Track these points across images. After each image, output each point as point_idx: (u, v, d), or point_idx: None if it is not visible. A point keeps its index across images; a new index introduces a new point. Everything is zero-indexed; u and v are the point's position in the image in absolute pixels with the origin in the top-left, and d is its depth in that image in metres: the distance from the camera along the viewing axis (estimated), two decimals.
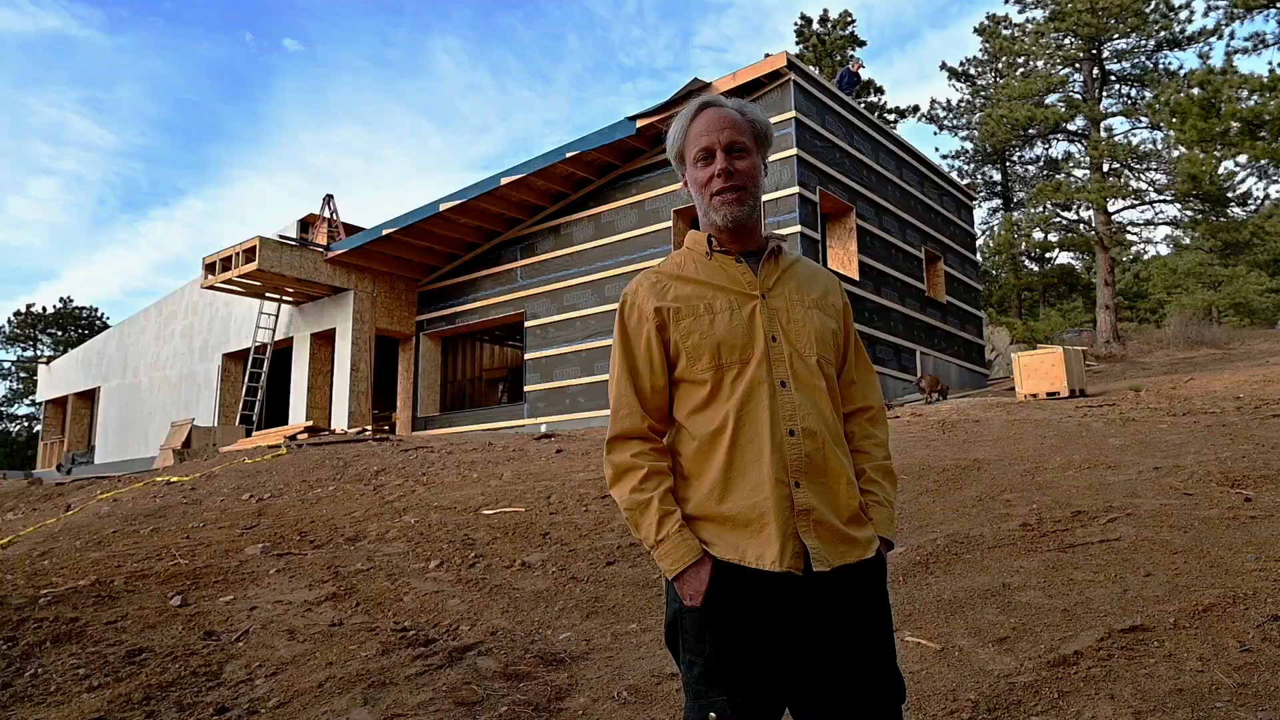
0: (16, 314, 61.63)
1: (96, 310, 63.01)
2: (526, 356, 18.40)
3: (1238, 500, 5.58)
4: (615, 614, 4.86)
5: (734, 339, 1.80)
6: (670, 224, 16.35)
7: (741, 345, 1.80)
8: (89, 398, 29.53)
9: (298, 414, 19.91)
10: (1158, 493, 5.96)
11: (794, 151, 14.93)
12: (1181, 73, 30.41)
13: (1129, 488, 6.20)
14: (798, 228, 14.64)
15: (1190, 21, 29.99)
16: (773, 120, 15.35)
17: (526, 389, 18.20)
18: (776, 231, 2.00)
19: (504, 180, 17.39)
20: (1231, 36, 26.27)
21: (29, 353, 60.71)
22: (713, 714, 1.66)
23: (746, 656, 1.67)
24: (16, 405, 60.46)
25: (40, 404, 32.95)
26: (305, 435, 15.76)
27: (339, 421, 19.18)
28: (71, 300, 62.78)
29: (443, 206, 17.95)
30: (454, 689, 3.78)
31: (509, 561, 6.02)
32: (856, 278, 16.15)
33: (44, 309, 61.82)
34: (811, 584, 1.69)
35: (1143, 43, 30.72)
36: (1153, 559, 4.62)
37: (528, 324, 18.46)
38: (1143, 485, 6.23)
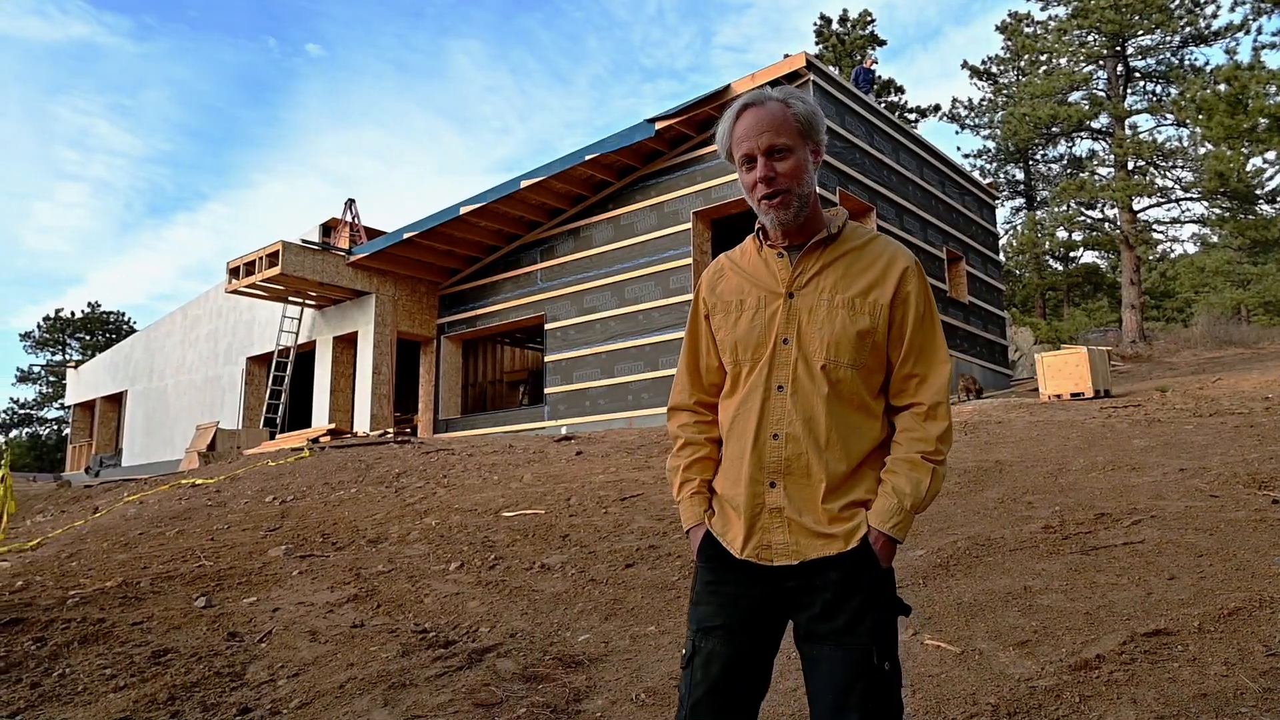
0: (46, 319, 62.54)
1: (123, 315, 63.86)
2: (547, 359, 18.44)
3: (1265, 502, 5.51)
4: (634, 616, 4.87)
5: (750, 339, 1.92)
6: (690, 225, 16.35)
7: (755, 345, 1.91)
8: (116, 401, 29.90)
9: (320, 417, 20.06)
10: (1183, 494, 5.90)
11: None
12: (1208, 69, 30.08)
13: (1154, 489, 6.13)
14: None
15: (1216, 17, 29.63)
16: None
17: (547, 391, 18.24)
18: (840, 212, 1.97)
19: (524, 183, 17.44)
20: (1259, 31, 26.11)
21: (58, 357, 61.56)
22: (685, 650, 1.91)
23: (715, 612, 1.87)
24: (46, 409, 61.32)
25: (69, 407, 33.38)
26: (328, 438, 15.89)
27: (361, 424, 19.30)
28: (99, 305, 63.60)
29: (463, 210, 18.03)
30: (473, 690, 3.80)
31: (529, 563, 6.05)
32: None
33: (72, 314, 62.70)
34: (783, 573, 1.84)
35: (1168, 39, 30.39)
36: (1177, 562, 4.57)
37: (548, 326, 18.51)
38: (1167, 487, 6.16)
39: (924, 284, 1.93)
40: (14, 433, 61.02)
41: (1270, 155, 27.80)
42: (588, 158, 16.76)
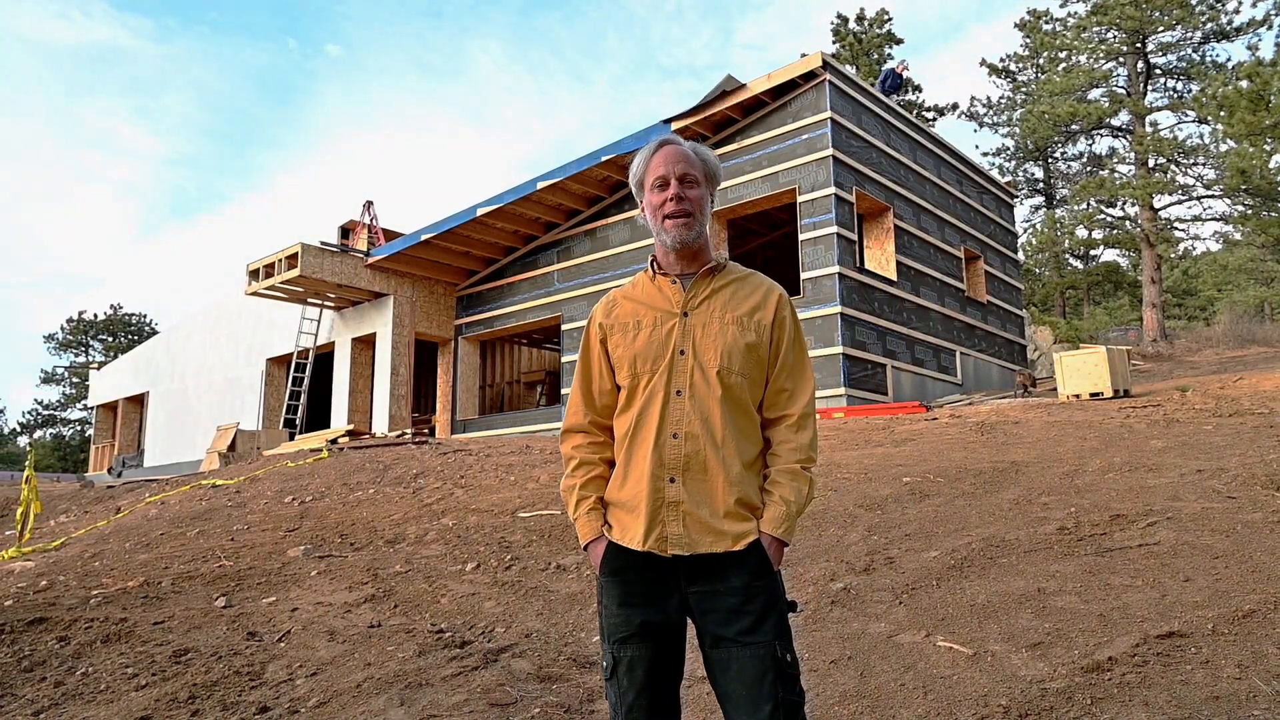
0: (69, 320, 63.22)
1: (145, 316, 64.41)
2: (564, 359, 18.51)
3: None
4: None
5: (648, 352, 2.09)
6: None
7: (654, 357, 2.08)
8: (139, 402, 30.21)
9: (339, 417, 20.20)
10: (1199, 496, 5.87)
11: (829, 152, 14.85)
12: (1229, 65, 29.80)
13: (1170, 491, 6.10)
14: (834, 228, 14.56)
15: (1238, 13, 29.32)
16: (808, 121, 15.31)
17: (564, 392, 18.29)
18: (721, 253, 2.23)
19: (540, 184, 17.51)
20: None
21: (81, 358, 62.22)
22: (605, 664, 2.04)
23: (626, 621, 2.00)
24: (69, 410, 61.98)
25: (92, 408, 33.76)
26: (346, 439, 16.00)
27: (379, 425, 19.43)
28: (121, 307, 64.19)
29: (480, 211, 18.12)
30: (488, 690, 3.84)
31: (544, 564, 6.09)
32: (894, 278, 16.04)
33: (95, 315, 63.30)
34: (682, 566, 1.99)
35: (1189, 35, 30.11)
36: (1192, 563, 4.56)
37: (565, 327, 18.57)
38: (1184, 488, 6.13)
39: (795, 313, 2.19)
40: (38, 434, 61.78)
41: None
42: (604, 158, 16.81)
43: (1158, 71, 31.37)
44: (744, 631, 1.93)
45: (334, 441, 15.42)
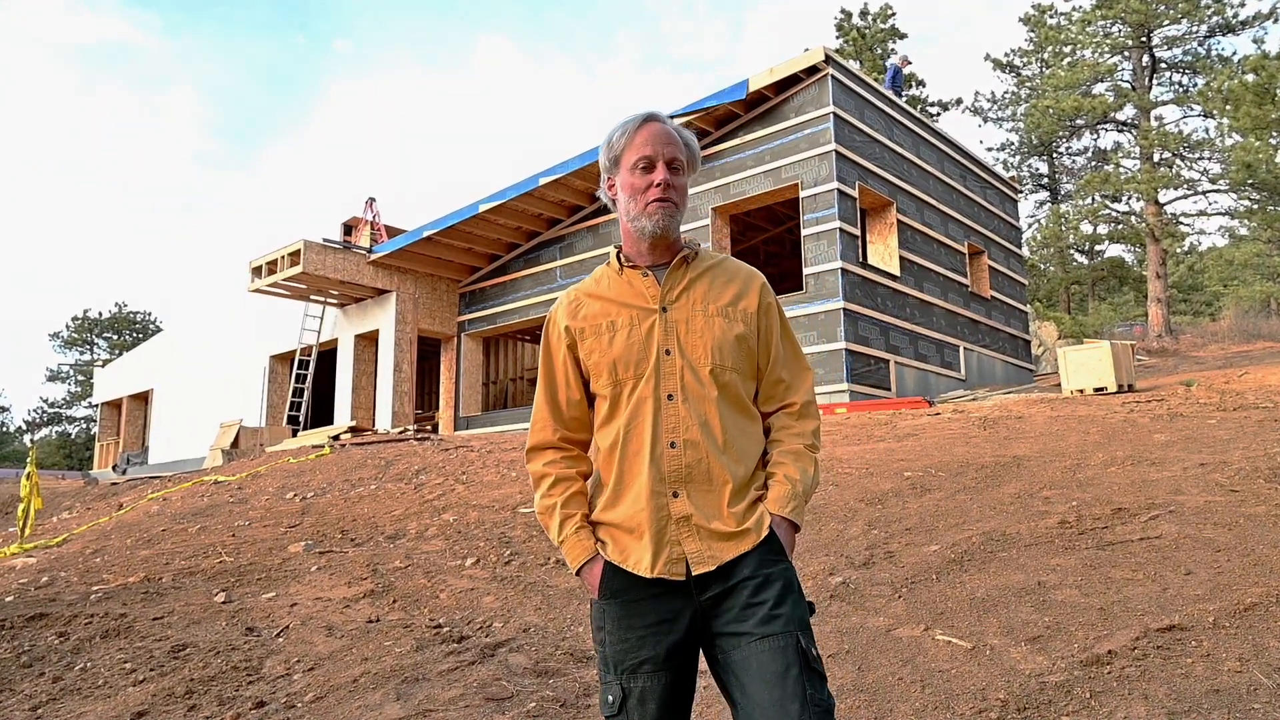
0: (74, 319, 63.34)
1: (150, 314, 64.54)
2: None
3: None
4: None
5: (629, 355, 1.89)
6: (709, 221, 16.33)
7: (636, 361, 1.89)
8: (143, 399, 30.26)
9: (342, 414, 20.21)
10: (1202, 489, 5.83)
11: (832, 147, 14.80)
12: (1235, 59, 29.65)
13: (1173, 485, 6.07)
14: (837, 223, 14.52)
15: (1244, 6, 29.16)
16: (811, 115, 15.26)
17: None
18: (693, 239, 2.04)
19: (542, 180, 17.49)
20: None
21: (86, 356, 62.37)
22: (609, 697, 1.82)
23: (636, 647, 1.80)
24: (75, 407, 62.15)
25: (97, 406, 33.84)
26: (349, 435, 16.01)
27: (382, 421, 19.43)
28: (126, 304, 64.35)
29: (482, 208, 18.10)
30: (484, 685, 3.83)
31: (544, 559, 6.08)
32: (897, 273, 15.99)
33: (100, 313, 63.44)
34: (699, 582, 1.80)
35: (1194, 28, 29.94)
36: (1194, 557, 4.53)
37: None
38: (1187, 482, 6.09)
39: (776, 298, 2.03)
40: (44, 431, 61.95)
41: None
42: None
43: (1163, 65, 31.23)
44: (761, 622, 1.73)
45: (336, 438, 15.43)
